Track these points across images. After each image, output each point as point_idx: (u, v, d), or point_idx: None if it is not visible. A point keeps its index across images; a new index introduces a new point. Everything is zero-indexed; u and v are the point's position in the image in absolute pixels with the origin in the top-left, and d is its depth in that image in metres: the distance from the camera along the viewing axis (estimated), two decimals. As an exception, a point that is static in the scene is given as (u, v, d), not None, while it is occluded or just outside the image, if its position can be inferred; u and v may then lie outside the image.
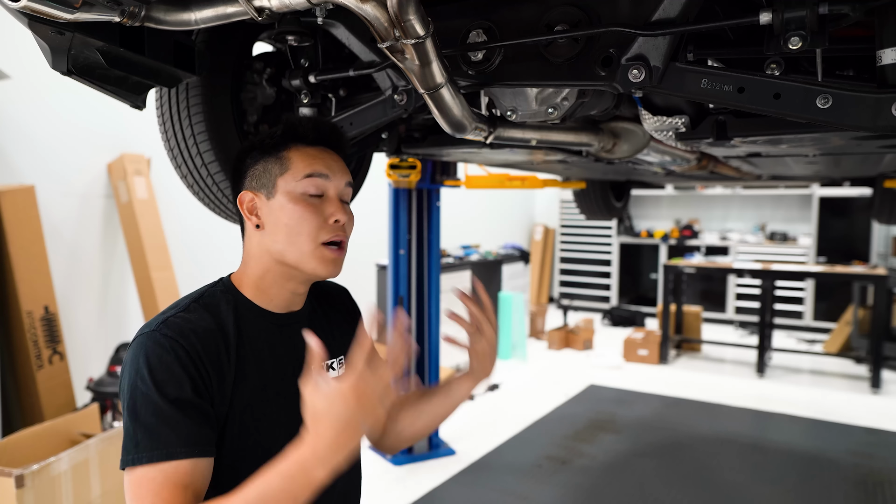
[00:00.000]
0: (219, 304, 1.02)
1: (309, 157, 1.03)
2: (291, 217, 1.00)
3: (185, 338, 0.92)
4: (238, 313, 1.02)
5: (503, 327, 6.29)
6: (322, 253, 1.02)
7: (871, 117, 1.04)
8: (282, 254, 1.02)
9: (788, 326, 7.83)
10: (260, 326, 1.04)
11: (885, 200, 4.42)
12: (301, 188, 1.02)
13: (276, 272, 1.04)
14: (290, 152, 1.04)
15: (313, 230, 1.01)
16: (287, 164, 1.03)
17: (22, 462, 2.48)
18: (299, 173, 1.02)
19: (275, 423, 1.01)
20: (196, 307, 0.99)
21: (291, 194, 1.01)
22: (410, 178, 3.61)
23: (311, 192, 1.02)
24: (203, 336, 0.94)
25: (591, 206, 5.16)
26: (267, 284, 1.05)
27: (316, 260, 1.01)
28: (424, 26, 0.98)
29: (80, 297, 3.82)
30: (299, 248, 1.00)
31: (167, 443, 0.86)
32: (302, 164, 1.02)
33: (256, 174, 1.04)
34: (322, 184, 1.03)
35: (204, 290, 1.05)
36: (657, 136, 1.79)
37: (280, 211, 1.01)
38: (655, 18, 1.11)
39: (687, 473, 3.64)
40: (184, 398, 0.89)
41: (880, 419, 4.58)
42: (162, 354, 0.90)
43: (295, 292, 1.07)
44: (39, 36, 1.10)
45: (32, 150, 3.54)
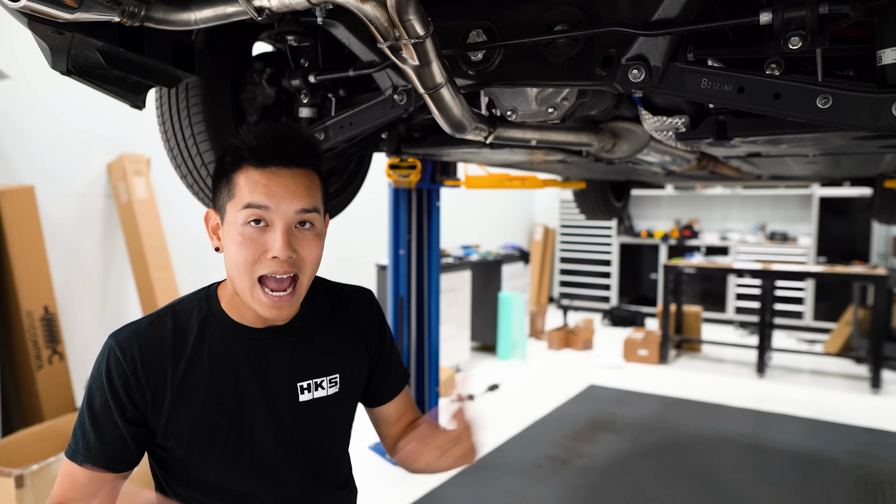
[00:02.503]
0: (191, 313, 1.03)
1: (250, 184, 0.93)
2: (229, 249, 0.96)
3: (125, 351, 0.97)
4: (205, 325, 1.02)
5: (503, 327, 6.30)
6: (258, 295, 0.95)
7: (871, 117, 1.04)
8: (233, 281, 0.98)
9: (788, 326, 7.83)
10: (227, 339, 1.01)
11: (885, 200, 4.42)
12: (241, 219, 0.94)
13: None
14: (239, 176, 0.95)
15: (247, 265, 0.94)
16: (234, 190, 0.95)
17: (22, 462, 2.47)
18: (239, 203, 0.94)
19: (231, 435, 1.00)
20: (167, 313, 1.03)
21: (234, 224, 0.94)
22: (410, 178, 3.60)
23: (252, 223, 0.93)
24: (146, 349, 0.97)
25: (591, 206, 5.16)
26: (238, 302, 1.01)
27: (255, 302, 0.96)
28: (424, 26, 0.98)
29: (80, 297, 3.82)
30: (241, 282, 0.96)
31: (76, 446, 0.97)
32: (242, 193, 0.94)
33: (219, 191, 0.99)
34: (262, 214, 0.93)
35: (187, 297, 1.06)
36: (657, 136, 1.79)
37: (226, 240, 0.97)
38: (655, 18, 1.11)
39: (687, 473, 3.64)
40: (103, 415, 0.96)
41: (880, 419, 4.58)
42: (101, 363, 0.97)
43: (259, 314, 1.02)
44: (39, 36, 1.10)
45: (32, 150, 3.54)
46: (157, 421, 0.98)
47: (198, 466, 1.00)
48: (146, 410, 0.97)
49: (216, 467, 1.01)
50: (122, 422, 0.96)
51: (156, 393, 0.97)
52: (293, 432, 1.05)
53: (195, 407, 0.98)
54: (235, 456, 1.01)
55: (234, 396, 1.00)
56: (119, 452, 0.97)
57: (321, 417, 1.07)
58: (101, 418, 0.96)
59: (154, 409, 0.97)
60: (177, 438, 0.98)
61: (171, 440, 0.98)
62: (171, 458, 1.01)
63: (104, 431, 0.96)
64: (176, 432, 0.98)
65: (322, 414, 1.07)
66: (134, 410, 0.96)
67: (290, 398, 1.04)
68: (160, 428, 0.98)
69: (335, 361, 1.09)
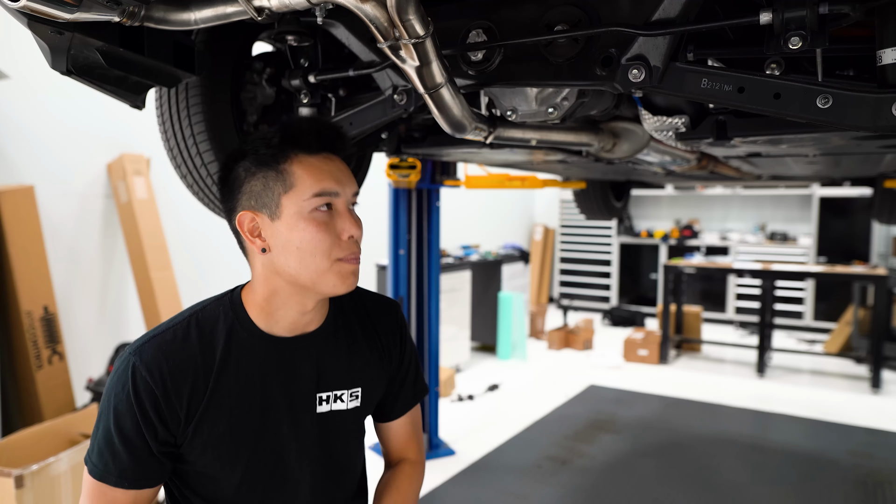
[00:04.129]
0: (215, 322, 0.98)
1: (316, 172, 0.94)
2: (302, 239, 0.93)
3: (153, 371, 0.92)
4: (232, 335, 0.97)
5: (503, 327, 6.30)
6: (340, 268, 0.95)
7: (871, 117, 1.04)
8: (295, 277, 0.95)
9: (788, 326, 7.83)
10: (255, 350, 0.98)
11: (886, 200, 4.42)
12: (310, 207, 0.93)
13: (287, 293, 0.98)
14: (293, 166, 0.94)
15: (327, 249, 0.94)
16: (291, 180, 0.93)
17: (21, 462, 2.47)
18: (307, 192, 0.93)
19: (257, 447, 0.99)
20: (190, 322, 0.97)
21: (300, 214, 0.93)
22: (410, 178, 3.60)
23: (322, 209, 0.94)
24: (175, 367, 0.93)
25: (591, 206, 5.16)
26: (275, 307, 0.99)
27: (334, 276, 0.95)
28: (424, 26, 0.98)
29: (80, 297, 3.82)
30: (315, 268, 0.94)
31: (106, 468, 0.93)
32: (309, 181, 0.93)
33: (255, 192, 0.95)
34: (332, 200, 0.95)
35: (207, 303, 1.01)
36: (657, 136, 1.79)
37: (289, 233, 0.93)
38: (655, 18, 1.11)
39: (687, 473, 3.64)
40: (131, 435, 0.92)
41: (880, 419, 4.58)
42: (126, 382, 0.92)
43: (304, 312, 1.00)
44: (39, 36, 1.10)
45: (32, 150, 3.54)
46: (184, 436, 0.95)
47: (219, 479, 0.98)
48: (176, 429, 0.94)
49: (238, 480, 0.98)
50: (154, 442, 0.93)
51: (187, 411, 0.94)
52: (310, 443, 1.03)
53: (222, 422, 0.95)
54: (259, 469, 0.99)
55: (260, 410, 0.98)
56: (153, 469, 0.95)
57: (338, 430, 1.06)
58: (133, 440, 0.92)
59: (184, 425, 0.94)
60: (201, 452, 0.96)
61: (195, 454, 0.96)
62: (192, 471, 0.99)
63: (137, 453, 0.93)
64: (200, 447, 0.95)
65: (340, 426, 1.06)
66: (165, 431, 0.93)
67: (310, 409, 1.03)
68: (186, 442, 0.95)
69: (359, 375, 1.08)
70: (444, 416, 4.38)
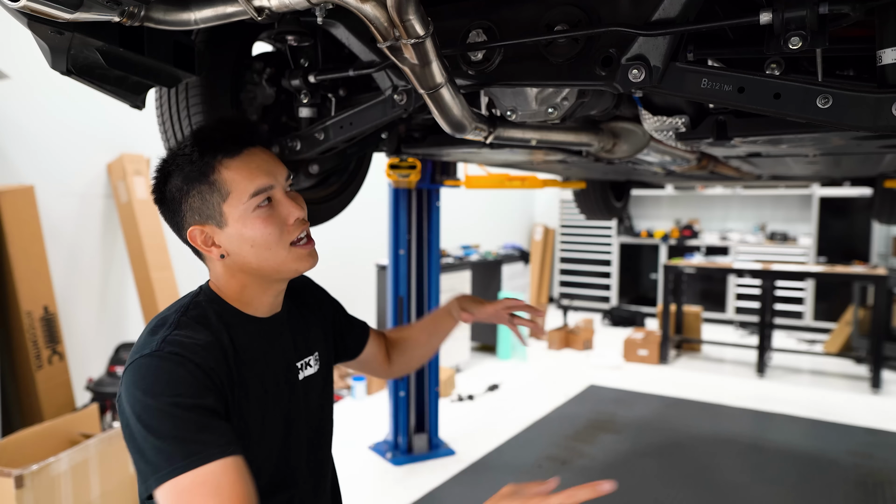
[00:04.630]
0: (208, 317, 0.99)
1: (245, 172, 0.96)
2: (254, 237, 0.97)
3: (193, 353, 0.90)
4: (228, 324, 1.00)
5: (503, 328, 6.29)
6: (296, 253, 1.01)
7: (871, 117, 1.04)
8: (258, 269, 1.00)
9: (788, 326, 7.82)
10: (250, 334, 1.02)
11: (886, 200, 4.42)
12: (251, 207, 0.96)
13: (257, 284, 1.03)
14: (222, 174, 0.96)
15: (277, 239, 0.98)
16: (225, 188, 0.96)
17: (22, 462, 2.47)
18: (244, 195, 0.96)
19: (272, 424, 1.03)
20: (187, 321, 0.96)
21: (244, 216, 0.96)
22: (410, 178, 3.60)
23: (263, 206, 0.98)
24: (208, 350, 0.92)
25: (591, 206, 5.16)
26: (249, 297, 1.04)
27: (293, 261, 1.01)
28: (424, 26, 0.98)
29: (80, 297, 3.82)
30: (272, 259, 0.99)
31: (206, 444, 0.84)
32: (243, 184, 0.96)
33: (195, 207, 0.97)
34: (269, 192, 0.98)
35: (187, 302, 1.01)
36: (657, 136, 1.79)
37: (239, 235, 0.97)
38: (655, 18, 1.11)
39: (687, 473, 3.64)
40: (202, 405, 0.87)
41: (880, 419, 4.58)
42: (171, 370, 0.88)
43: (277, 295, 1.07)
44: (39, 36, 1.10)
45: (32, 150, 3.54)
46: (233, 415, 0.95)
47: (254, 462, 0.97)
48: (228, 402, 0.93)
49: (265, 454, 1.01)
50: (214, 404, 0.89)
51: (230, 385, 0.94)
52: (303, 408, 1.11)
53: (247, 398, 0.98)
54: (272, 440, 1.03)
55: (269, 383, 1.03)
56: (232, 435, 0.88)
57: (315, 393, 1.15)
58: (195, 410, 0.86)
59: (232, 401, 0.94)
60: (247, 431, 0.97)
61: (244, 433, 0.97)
62: None
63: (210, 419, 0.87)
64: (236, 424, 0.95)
65: (315, 389, 1.15)
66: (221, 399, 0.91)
67: (295, 378, 1.10)
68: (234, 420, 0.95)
69: (313, 341, 1.17)
70: (444, 416, 4.38)
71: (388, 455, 3.84)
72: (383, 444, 3.98)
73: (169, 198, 1.00)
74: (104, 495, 2.58)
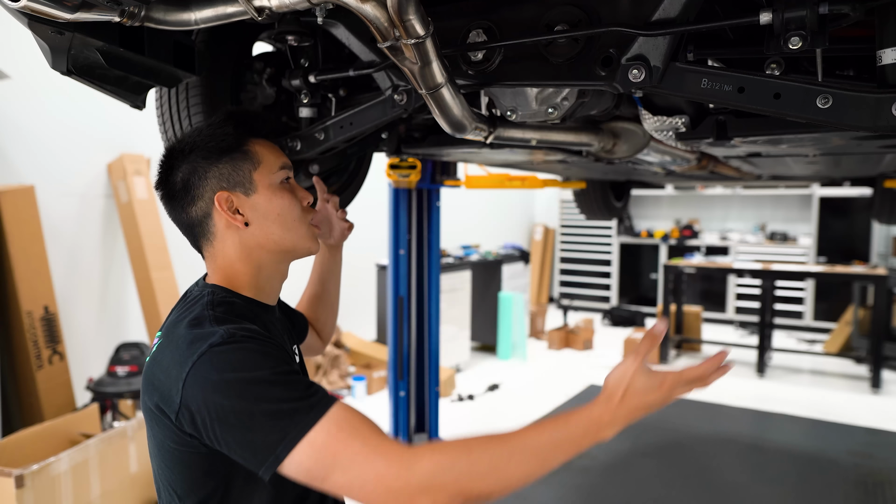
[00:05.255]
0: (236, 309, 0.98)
1: (273, 149, 1.08)
2: (282, 207, 1.04)
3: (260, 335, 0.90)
4: (252, 313, 1.00)
5: (503, 327, 6.30)
6: (313, 232, 1.09)
7: (871, 117, 1.04)
8: (279, 243, 1.04)
9: (788, 326, 7.83)
10: (271, 322, 1.07)
11: (886, 200, 4.42)
12: (279, 178, 1.05)
13: (272, 263, 1.06)
14: (255, 147, 1.05)
15: (301, 214, 1.06)
16: (257, 158, 1.04)
17: (22, 462, 2.47)
18: (273, 165, 1.05)
19: None
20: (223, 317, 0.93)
21: (273, 186, 1.04)
22: (410, 178, 3.60)
23: (285, 182, 1.07)
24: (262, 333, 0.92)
25: (591, 206, 5.16)
26: (263, 280, 1.06)
27: (310, 239, 1.08)
28: (424, 26, 0.98)
29: (80, 297, 3.82)
30: (296, 232, 1.05)
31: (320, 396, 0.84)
32: (272, 157, 1.06)
33: (225, 174, 1.02)
34: (290, 172, 1.09)
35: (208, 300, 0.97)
36: (657, 136, 1.79)
37: (268, 203, 1.03)
38: (655, 18, 1.11)
39: (687, 473, 3.64)
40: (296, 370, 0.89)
41: (880, 419, 4.58)
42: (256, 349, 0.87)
43: (283, 279, 1.12)
44: (39, 36, 1.10)
45: (32, 150, 3.54)
46: None
47: None
48: None
49: None
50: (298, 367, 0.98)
51: None
52: None
53: None
54: None
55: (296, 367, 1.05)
56: None
57: None
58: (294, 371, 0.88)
59: None
60: None
61: None
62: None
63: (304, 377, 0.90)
64: None
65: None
66: None
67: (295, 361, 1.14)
68: None
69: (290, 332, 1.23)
70: (444, 416, 4.38)
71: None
72: (383, 444, 3.97)
73: (189, 169, 1.03)
74: (104, 495, 2.58)
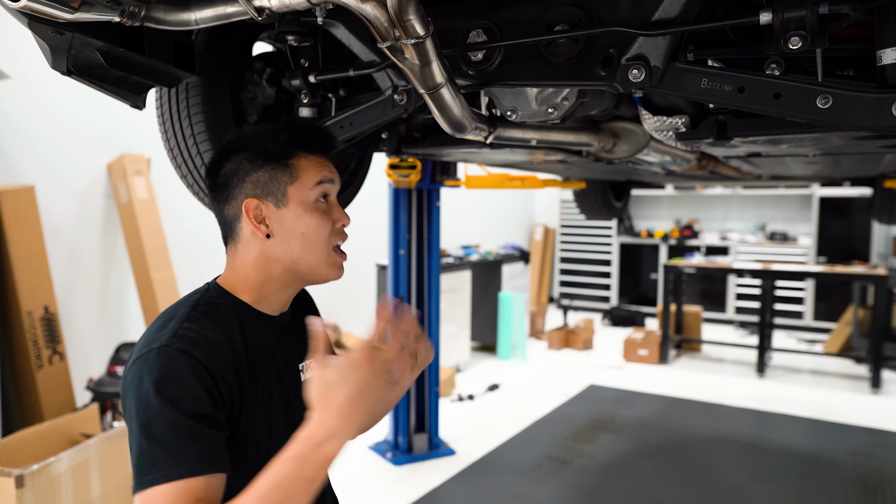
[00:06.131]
0: (219, 312, 0.98)
1: (316, 165, 1.04)
2: (308, 226, 1.01)
3: (200, 350, 0.89)
4: (240, 320, 1.00)
5: (503, 327, 6.30)
6: (335, 259, 1.05)
7: (871, 117, 1.04)
8: (296, 262, 1.02)
9: (788, 326, 7.83)
10: (260, 331, 1.03)
11: (886, 200, 4.42)
12: (313, 196, 1.02)
13: (282, 279, 1.04)
14: (299, 161, 1.03)
15: (328, 237, 1.03)
16: (297, 173, 1.02)
17: (22, 462, 2.47)
18: (311, 181, 1.02)
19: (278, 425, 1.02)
20: (197, 316, 0.95)
21: (305, 203, 1.01)
22: (410, 178, 3.60)
23: (322, 200, 1.04)
24: (217, 347, 0.92)
25: (591, 206, 5.16)
26: (268, 291, 1.04)
27: (329, 266, 1.04)
28: (424, 26, 0.98)
29: (80, 297, 3.82)
30: (315, 255, 1.02)
31: (188, 459, 0.83)
32: (312, 172, 1.03)
33: (261, 181, 1.01)
34: (329, 188, 1.04)
35: (197, 298, 1.00)
36: (657, 136, 1.79)
37: (295, 220, 1.01)
38: (655, 18, 1.11)
39: (687, 473, 3.64)
40: (202, 413, 0.86)
41: (880, 419, 4.58)
42: (178, 370, 0.87)
43: (292, 296, 1.09)
44: (39, 36, 1.10)
45: (32, 150, 3.54)
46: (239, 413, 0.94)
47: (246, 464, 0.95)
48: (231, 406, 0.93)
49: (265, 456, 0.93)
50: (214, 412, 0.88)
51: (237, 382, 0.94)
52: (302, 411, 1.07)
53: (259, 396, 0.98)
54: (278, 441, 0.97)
55: (277, 383, 1.04)
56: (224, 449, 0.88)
57: None
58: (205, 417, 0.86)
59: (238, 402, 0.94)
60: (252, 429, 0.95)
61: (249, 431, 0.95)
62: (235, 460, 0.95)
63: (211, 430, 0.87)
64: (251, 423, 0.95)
65: None
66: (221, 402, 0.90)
67: (299, 380, 1.10)
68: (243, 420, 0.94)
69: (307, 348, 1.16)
70: (444, 415, 4.39)
71: (389, 455, 3.84)
72: (383, 444, 3.98)
73: (233, 167, 1.03)
74: (104, 495, 2.58)
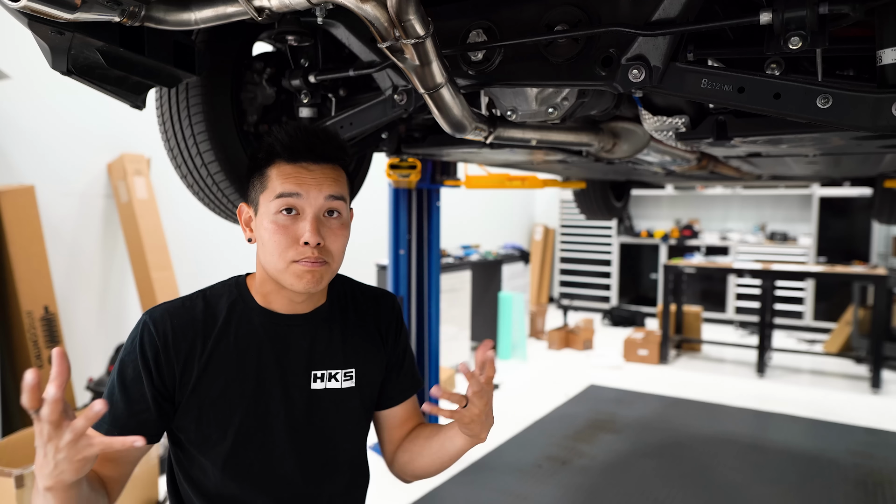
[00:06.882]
0: (220, 297, 1.08)
1: (283, 176, 1.01)
2: (264, 238, 1.03)
3: (158, 326, 1.01)
4: (234, 308, 1.07)
5: (503, 327, 6.29)
6: (294, 269, 1.00)
7: (871, 117, 1.04)
8: (267, 268, 1.05)
9: (788, 326, 7.83)
10: (253, 321, 1.06)
11: (885, 200, 4.42)
12: (274, 208, 1.01)
13: (271, 281, 1.06)
14: (272, 170, 1.02)
15: (282, 251, 1.00)
16: (266, 182, 1.03)
17: (22, 462, 2.47)
18: (272, 193, 1.01)
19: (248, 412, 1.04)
20: (198, 296, 1.08)
21: (267, 214, 1.02)
22: (410, 178, 3.60)
23: (283, 213, 1.00)
24: (178, 325, 1.02)
25: (591, 206, 5.16)
26: (266, 291, 1.08)
27: (290, 275, 1.01)
28: (424, 26, 0.98)
29: (80, 297, 3.82)
30: (274, 265, 1.02)
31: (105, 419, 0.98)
32: (275, 183, 1.01)
33: (253, 185, 1.07)
34: (294, 202, 1.00)
35: (216, 284, 1.11)
36: (657, 136, 1.79)
37: (261, 228, 1.03)
38: (655, 18, 1.11)
39: (687, 473, 3.64)
40: (133, 384, 0.99)
41: (880, 419, 4.58)
42: (135, 337, 1.01)
43: (292, 300, 1.07)
44: (39, 36, 1.10)
45: (32, 150, 3.54)
46: (181, 395, 1.01)
47: (209, 449, 1.03)
48: (173, 384, 1.01)
49: (227, 450, 1.03)
50: (151, 391, 0.99)
51: (184, 367, 1.01)
52: (303, 419, 1.08)
53: (218, 384, 1.02)
54: (249, 435, 1.04)
55: (255, 377, 1.05)
56: (144, 424, 1.00)
57: (332, 408, 1.10)
58: (132, 388, 1.00)
59: (181, 383, 1.01)
60: (196, 415, 1.02)
61: (190, 417, 1.02)
62: (187, 442, 1.03)
63: (133, 401, 1.00)
64: (196, 409, 1.02)
65: (333, 405, 1.10)
66: (161, 383, 1.00)
67: (304, 384, 1.08)
68: (183, 403, 1.02)
69: (353, 357, 1.13)
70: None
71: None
72: (383, 444, 3.98)
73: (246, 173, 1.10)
74: (104, 495, 2.58)
